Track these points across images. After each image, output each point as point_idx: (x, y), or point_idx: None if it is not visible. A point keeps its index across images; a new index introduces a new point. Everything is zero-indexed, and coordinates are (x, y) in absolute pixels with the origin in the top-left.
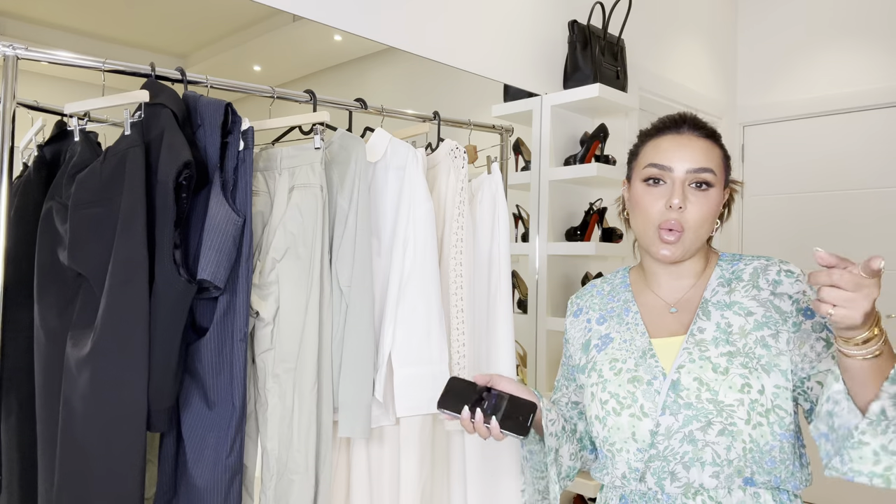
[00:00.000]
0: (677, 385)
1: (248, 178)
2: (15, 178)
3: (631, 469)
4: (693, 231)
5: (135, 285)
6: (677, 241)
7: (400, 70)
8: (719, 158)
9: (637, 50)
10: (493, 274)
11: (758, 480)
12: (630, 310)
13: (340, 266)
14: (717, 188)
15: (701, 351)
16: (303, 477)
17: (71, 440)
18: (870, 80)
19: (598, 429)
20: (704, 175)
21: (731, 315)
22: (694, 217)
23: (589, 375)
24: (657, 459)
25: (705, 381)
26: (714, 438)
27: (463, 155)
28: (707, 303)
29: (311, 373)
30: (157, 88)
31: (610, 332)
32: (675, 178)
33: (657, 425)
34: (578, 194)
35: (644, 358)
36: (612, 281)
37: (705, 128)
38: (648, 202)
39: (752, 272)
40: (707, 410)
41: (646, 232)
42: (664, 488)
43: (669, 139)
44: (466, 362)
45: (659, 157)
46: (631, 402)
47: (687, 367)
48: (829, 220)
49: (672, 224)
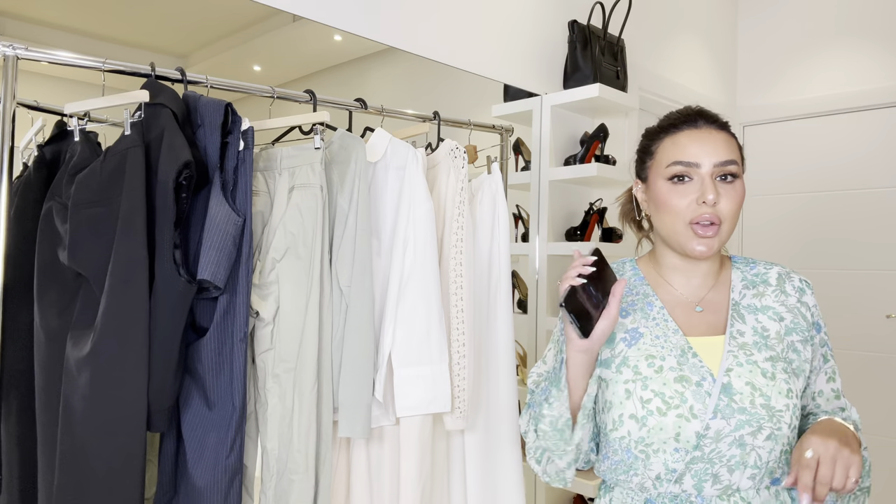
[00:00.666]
0: (729, 388)
1: (248, 178)
2: (15, 178)
3: (668, 470)
4: (729, 223)
5: (135, 285)
6: (715, 235)
7: (400, 70)
8: (738, 149)
9: (637, 50)
10: (493, 274)
11: (782, 480)
12: (653, 305)
13: (340, 266)
14: (741, 179)
15: (746, 355)
16: (303, 477)
17: (71, 440)
18: (870, 80)
19: (630, 428)
20: (731, 167)
21: (765, 319)
22: (727, 209)
23: (619, 371)
24: (700, 462)
25: (758, 385)
26: (761, 443)
27: (463, 155)
28: (738, 305)
29: (311, 373)
30: (157, 88)
31: (637, 327)
32: (703, 174)
33: (706, 428)
34: (578, 194)
35: (685, 357)
36: (622, 273)
37: (718, 120)
38: (676, 200)
39: (778, 277)
40: (760, 416)
41: (676, 230)
42: (702, 490)
43: (688, 135)
44: (466, 362)
45: (682, 153)
46: (679, 402)
47: (736, 371)
48: (830, 220)
49: (709, 218)
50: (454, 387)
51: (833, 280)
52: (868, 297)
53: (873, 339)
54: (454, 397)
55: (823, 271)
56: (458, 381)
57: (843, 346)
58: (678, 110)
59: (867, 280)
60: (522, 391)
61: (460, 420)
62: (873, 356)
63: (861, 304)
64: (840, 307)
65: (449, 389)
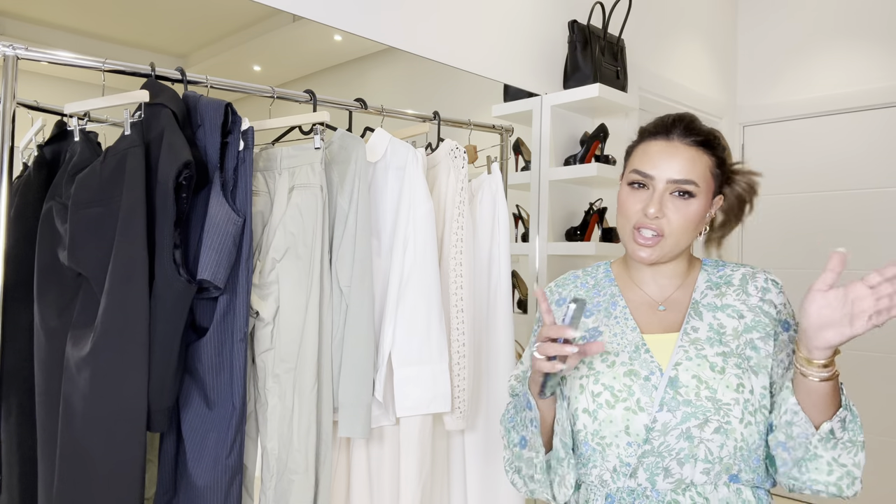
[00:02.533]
0: (676, 382)
1: (248, 178)
2: (15, 178)
3: (622, 464)
4: (673, 237)
5: (135, 285)
6: (655, 245)
7: (400, 70)
8: (706, 168)
9: (637, 50)
10: (493, 274)
11: (742, 478)
12: (617, 304)
13: (340, 266)
14: (699, 198)
15: (697, 349)
16: (303, 477)
17: (71, 440)
18: (870, 79)
19: (585, 422)
20: (685, 186)
21: (723, 317)
22: (673, 224)
23: (577, 367)
24: (651, 455)
25: (704, 378)
26: (709, 436)
27: (463, 155)
28: (697, 304)
29: (311, 373)
30: (157, 88)
31: (598, 326)
32: (656, 186)
33: (654, 421)
34: (578, 194)
35: (638, 352)
36: (594, 275)
37: (697, 133)
38: (630, 204)
39: (742, 277)
40: (705, 408)
41: (625, 232)
42: (655, 484)
43: (657, 145)
44: (466, 362)
45: (643, 163)
46: (627, 395)
47: (685, 365)
48: (830, 220)
49: (649, 226)
50: (454, 387)
51: None
52: None
53: (873, 339)
54: (454, 397)
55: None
56: (458, 381)
57: (842, 346)
58: (662, 116)
59: None
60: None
61: (460, 420)
62: (873, 356)
63: None
64: None
65: (449, 389)
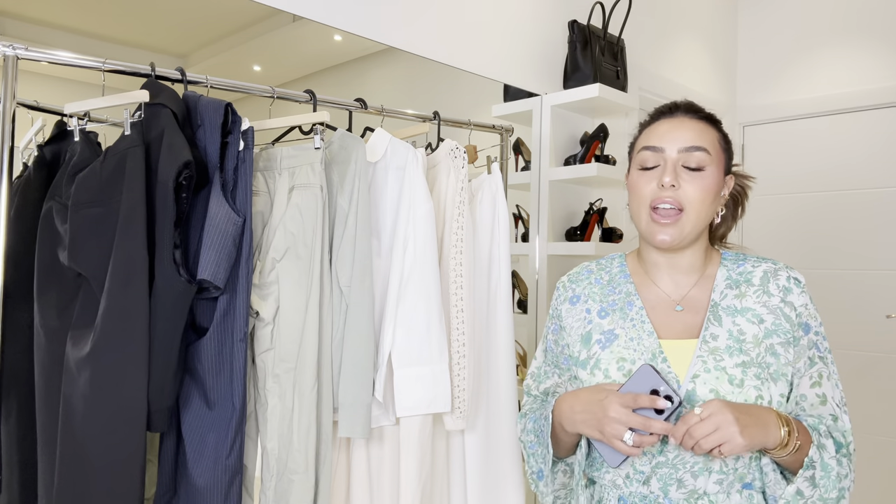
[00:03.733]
0: (692, 396)
1: (248, 178)
2: (15, 178)
3: (636, 471)
4: (693, 210)
5: (135, 285)
6: (675, 223)
7: (400, 70)
8: (715, 139)
9: (637, 50)
10: (493, 274)
11: (756, 485)
12: (633, 304)
13: (340, 266)
14: (712, 169)
15: (716, 360)
16: (303, 477)
17: (71, 440)
18: (870, 80)
19: None
20: (696, 154)
21: (743, 322)
22: (691, 195)
23: (592, 373)
24: (665, 466)
25: (722, 393)
26: None
27: (463, 155)
28: (717, 306)
29: (311, 373)
30: (157, 88)
31: (614, 328)
32: (668, 158)
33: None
34: (578, 194)
35: (655, 361)
36: (609, 269)
37: (699, 111)
38: (642, 184)
39: (763, 275)
40: None
41: (641, 217)
42: (668, 493)
43: (662, 123)
44: (466, 362)
45: (650, 139)
46: None
47: (702, 377)
48: (830, 220)
49: (666, 199)
50: (454, 387)
51: (833, 280)
52: (868, 298)
53: (873, 339)
54: (454, 397)
55: (823, 271)
56: (458, 381)
57: (842, 346)
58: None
59: (867, 280)
60: (522, 391)
61: (460, 420)
62: (873, 356)
63: (861, 304)
64: (840, 307)
65: (449, 389)
